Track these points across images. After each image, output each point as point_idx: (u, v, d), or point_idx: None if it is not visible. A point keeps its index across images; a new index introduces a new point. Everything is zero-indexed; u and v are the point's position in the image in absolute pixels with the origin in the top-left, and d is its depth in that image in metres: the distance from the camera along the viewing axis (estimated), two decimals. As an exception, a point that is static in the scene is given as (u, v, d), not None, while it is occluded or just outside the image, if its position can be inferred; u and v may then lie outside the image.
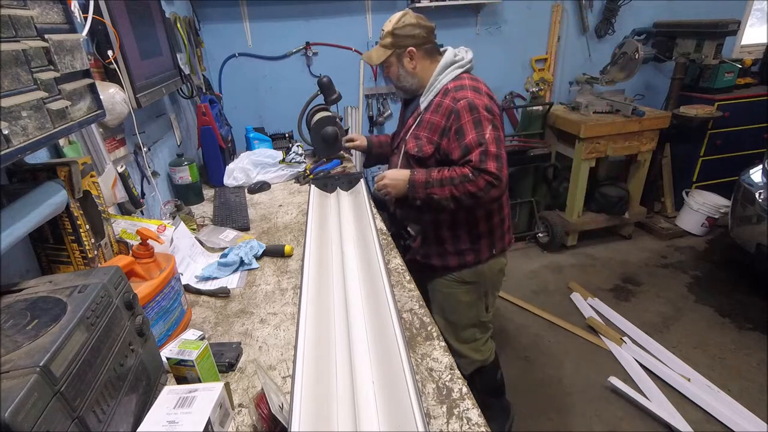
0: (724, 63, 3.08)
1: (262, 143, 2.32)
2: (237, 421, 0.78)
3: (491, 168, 1.26)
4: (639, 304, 2.63)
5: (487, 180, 1.26)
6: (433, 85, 1.39)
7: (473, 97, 1.30)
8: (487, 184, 1.27)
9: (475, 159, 1.27)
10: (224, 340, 0.99)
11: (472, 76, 1.41)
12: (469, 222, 1.45)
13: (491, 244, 1.49)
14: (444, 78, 1.38)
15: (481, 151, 1.27)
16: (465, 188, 1.28)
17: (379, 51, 1.42)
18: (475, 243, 1.47)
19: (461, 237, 1.47)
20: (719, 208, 3.14)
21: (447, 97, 1.34)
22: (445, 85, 1.37)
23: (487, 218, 1.46)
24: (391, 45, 1.39)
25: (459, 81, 1.37)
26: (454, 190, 1.30)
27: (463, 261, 1.49)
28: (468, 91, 1.32)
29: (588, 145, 2.85)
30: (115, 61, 1.20)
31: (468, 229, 1.46)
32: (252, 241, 1.35)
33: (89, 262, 0.90)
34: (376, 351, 0.87)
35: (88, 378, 0.59)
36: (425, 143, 1.39)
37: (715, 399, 1.93)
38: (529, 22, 3.17)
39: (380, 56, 1.41)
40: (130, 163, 1.40)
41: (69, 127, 0.72)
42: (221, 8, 2.68)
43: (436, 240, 1.49)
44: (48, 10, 0.72)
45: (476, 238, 1.47)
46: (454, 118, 1.30)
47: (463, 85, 1.34)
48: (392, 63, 1.42)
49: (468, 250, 1.48)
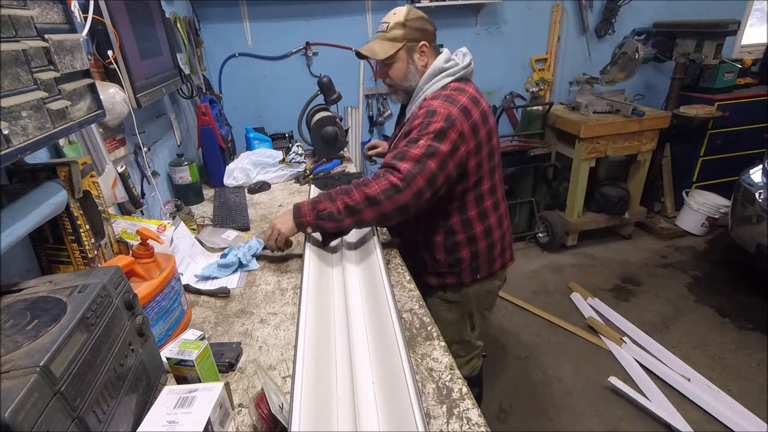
0: (724, 63, 3.08)
1: (262, 143, 2.32)
2: (237, 421, 0.78)
3: (401, 167, 1.11)
4: (639, 304, 2.63)
5: (391, 181, 1.11)
6: (418, 95, 1.29)
7: (438, 106, 1.16)
8: (391, 187, 1.11)
9: (388, 157, 1.16)
10: (224, 340, 0.99)
11: (461, 85, 1.25)
12: (448, 246, 1.33)
13: (475, 270, 1.36)
14: (429, 89, 1.26)
15: (402, 151, 1.14)
16: (361, 193, 1.13)
17: (384, 44, 1.27)
18: (454, 267, 1.35)
19: (439, 261, 1.35)
20: (719, 208, 3.14)
21: (421, 108, 1.22)
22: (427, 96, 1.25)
23: (470, 243, 1.33)
24: (402, 37, 1.25)
25: (439, 91, 1.24)
26: (348, 199, 1.14)
27: (443, 282, 1.39)
28: (438, 101, 1.18)
29: (588, 145, 2.85)
30: (115, 61, 1.20)
31: (446, 255, 1.34)
32: (251, 239, 1.34)
33: (89, 262, 0.90)
34: (376, 351, 0.87)
35: (88, 378, 0.59)
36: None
37: (715, 399, 1.93)
38: (529, 22, 3.17)
39: (387, 50, 1.26)
40: (130, 163, 1.40)
41: (69, 127, 0.72)
42: (221, 8, 2.68)
43: (414, 258, 1.38)
44: (48, 10, 0.72)
45: (456, 262, 1.34)
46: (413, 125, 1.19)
47: (438, 95, 1.22)
48: (400, 58, 1.27)
49: (447, 273, 1.37)
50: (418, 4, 2.78)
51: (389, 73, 1.31)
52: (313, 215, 1.18)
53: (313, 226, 1.20)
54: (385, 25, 1.29)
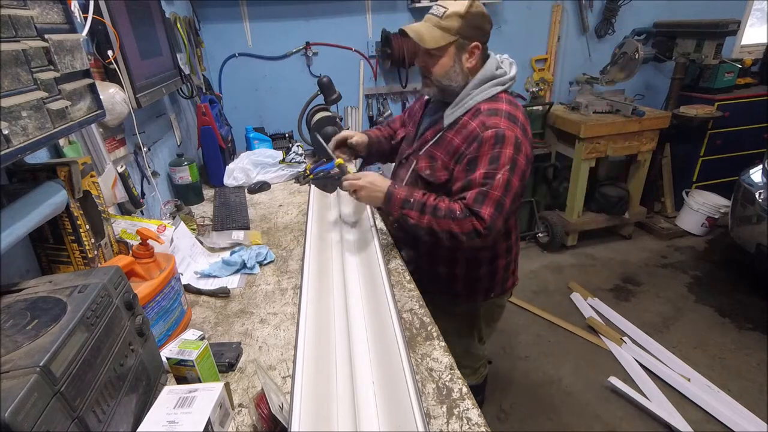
0: (724, 63, 3.08)
1: (262, 143, 2.32)
2: (237, 421, 0.78)
3: (484, 214, 1.06)
4: (639, 304, 2.63)
5: (475, 226, 1.07)
6: (464, 99, 1.17)
7: (506, 128, 1.09)
8: (473, 231, 1.08)
9: (470, 197, 1.09)
10: (224, 340, 0.99)
11: (511, 98, 1.19)
12: (470, 263, 1.27)
13: (489, 289, 1.33)
14: (478, 95, 1.16)
15: (482, 192, 1.08)
16: (447, 225, 1.09)
17: (435, 32, 1.11)
18: (472, 286, 1.31)
19: (457, 277, 1.30)
20: (719, 208, 3.14)
21: (476, 119, 1.13)
22: (479, 104, 1.15)
23: (491, 261, 1.28)
24: (456, 31, 1.10)
25: (495, 103, 1.15)
26: (434, 223, 1.11)
27: (455, 301, 1.35)
28: (502, 119, 1.10)
29: (588, 145, 2.85)
30: (115, 61, 1.20)
31: (467, 271, 1.29)
32: (263, 247, 1.35)
33: (89, 262, 0.90)
34: (376, 351, 0.87)
35: (88, 378, 0.59)
36: (440, 167, 1.19)
37: (715, 399, 1.93)
38: (529, 22, 3.17)
39: (437, 40, 1.11)
40: (130, 163, 1.40)
41: (69, 127, 0.72)
42: (221, 8, 2.68)
43: (430, 274, 1.33)
44: (48, 10, 0.72)
45: (474, 281, 1.30)
46: (475, 147, 1.10)
47: (498, 110, 1.12)
48: (448, 53, 1.13)
49: (462, 292, 1.33)
50: (417, 4, 2.78)
51: (429, 64, 1.17)
52: (399, 213, 1.16)
53: (394, 217, 1.19)
54: (441, 9, 1.12)
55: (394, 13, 2.91)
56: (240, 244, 1.41)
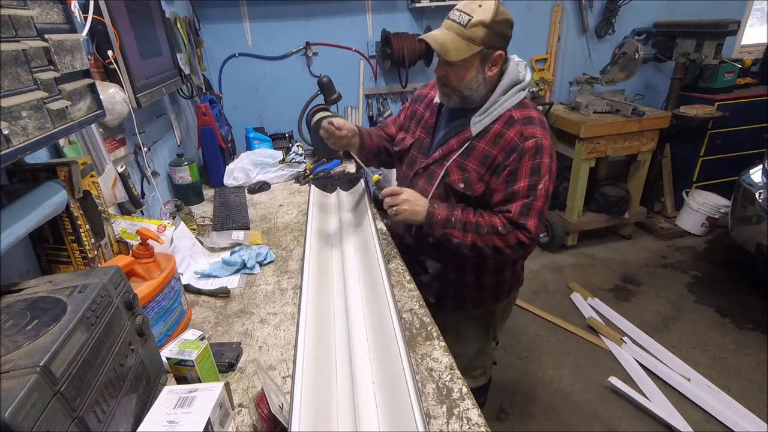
0: (724, 63, 3.08)
1: (262, 143, 2.32)
2: (237, 421, 0.78)
3: (530, 225, 1.07)
4: (639, 304, 2.63)
5: (520, 239, 1.08)
6: (493, 107, 1.12)
7: (542, 136, 1.07)
8: (518, 243, 1.09)
9: (515, 211, 1.08)
10: (224, 340, 0.99)
11: (532, 103, 1.18)
12: (497, 267, 1.28)
13: (511, 288, 1.36)
14: (507, 101, 1.12)
15: (526, 204, 1.07)
16: (491, 241, 1.09)
17: (459, 43, 1.04)
18: (498, 289, 1.32)
19: (485, 283, 1.30)
20: (719, 208, 3.14)
21: (512, 128, 1.09)
22: (510, 112, 1.12)
23: (514, 263, 1.31)
24: (482, 41, 1.04)
25: (525, 110, 1.12)
26: (478, 240, 1.10)
27: (479, 304, 1.35)
28: (537, 128, 1.09)
29: (588, 145, 2.85)
30: (115, 61, 1.20)
31: (494, 276, 1.29)
32: (263, 247, 1.36)
33: (89, 262, 0.90)
34: (376, 351, 0.87)
35: (88, 378, 0.59)
36: (475, 179, 1.14)
37: (715, 399, 1.93)
38: (529, 22, 3.17)
39: (461, 51, 1.05)
40: (130, 163, 1.40)
41: (69, 127, 0.72)
42: (221, 8, 2.68)
43: (457, 284, 1.31)
44: (48, 10, 0.72)
45: (500, 283, 1.32)
46: (515, 158, 1.07)
47: (532, 118, 1.10)
48: (472, 64, 1.08)
49: (488, 296, 1.33)
50: (417, 4, 2.78)
51: (451, 74, 1.11)
52: (441, 233, 1.14)
53: (435, 236, 1.16)
54: (466, 17, 1.03)
55: (394, 13, 2.92)
56: (240, 244, 1.41)
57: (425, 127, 1.29)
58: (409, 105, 1.40)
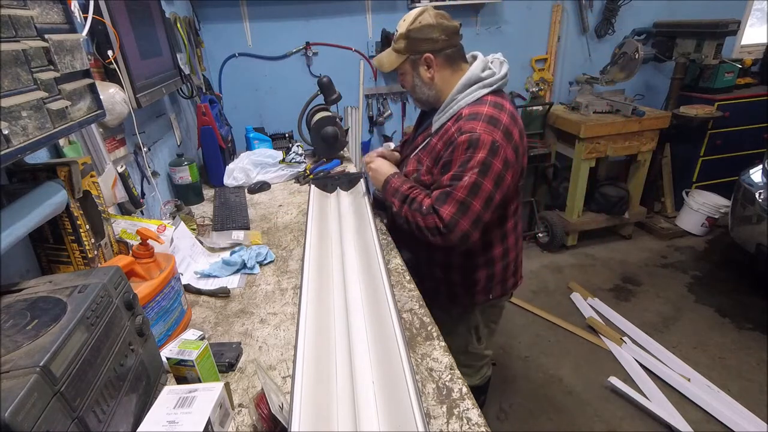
0: (724, 63, 3.08)
1: (262, 143, 2.32)
2: (237, 421, 0.78)
3: (443, 213, 1.11)
4: (639, 304, 2.63)
5: (436, 224, 1.12)
6: (450, 105, 1.19)
7: (482, 131, 1.09)
8: (435, 227, 1.13)
9: (434, 196, 1.15)
10: (224, 340, 0.99)
11: (498, 99, 1.16)
12: (466, 267, 1.30)
13: (489, 290, 1.34)
14: (463, 99, 1.17)
15: (445, 192, 1.12)
16: (415, 217, 1.17)
17: (391, 56, 1.22)
18: (471, 288, 1.33)
19: (454, 281, 1.33)
20: (719, 208, 3.14)
21: (456, 124, 1.15)
22: (462, 109, 1.16)
23: (488, 265, 1.30)
24: (405, 50, 1.18)
25: (478, 106, 1.14)
26: (409, 214, 1.20)
27: (455, 301, 1.37)
28: (480, 123, 1.10)
29: (588, 145, 2.85)
30: (115, 61, 1.20)
31: (463, 275, 1.31)
32: (263, 247, 1.36)
33: (89, 262, 0.90)
34: (376, 351, 0.87)
35: (88, 378, 0.59)
36: (424, 172, 1.24)
37: (715, 399, 1.93)
38: (529, 22, 3.17)
39: (392, 63, 1.22)
40: (130, 163, 1.40)
41: (69, 127, 0.72)
42: (221, 8, 2.68)
43: (429, 277, 1.36)
44: (48, 10, 0.72)
45: (472, 284, 1.32)
46: (450, 151, 1.14)
47: (479, 113, 1.12)
48: (406, 71, 1.22)
49: (463, 294, 1.35)
50: (417, 4, 2.78)
51: (402, 83, 1.27)
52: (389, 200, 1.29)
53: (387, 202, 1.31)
54: (395, 33, 1.21)
55: (394, 13, 2.91)
56: (240, 244, 1.41)
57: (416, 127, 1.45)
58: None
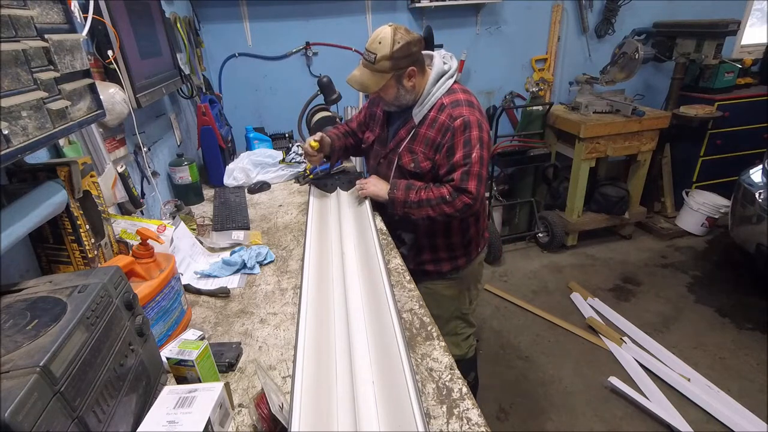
0: (724, 63, 3.08)
1: (262, 143, 2.32)
2: (237, 421, 0.78)
3: (471, 188, 1.30)
4: (639, 304, 2.63)
5: (465, 201, 1.31)
6: (427, 98, 1.36)
7: (468, 114, 1.30)
8: (464, 206, 1.31)
9: (457, 178, 1.31)
10: (224, 340, 0.99)
11: (462, 87, 1.40)
12: (462, 228, 1.48)
13: (478, 244, 1.56)
14: (438, 91, 1.35)
15: (464, 171, 1.30)
16: (441, 209, 1.33)
17: (374, 77, 1.31)
18: (467, 247, 1.52)
19: (455, 243, 1.50)
20: (719, 208, 3.14)
21: (443, 113, 1.33)
22: (440, 99, 1.35)
23: (476, 221, 1.51)
24: (390, 69, 1.29)
25: (453, 95, 1.35)
26: (431, 211, 1.35)
27: (455, 265, 1.53)
28: (463, 108, 1.31)
29: (588, 145, 2.85)
30: (115, 61, 1.20)
31: (461, 235, 1.49)
32: (263, 247, 1.36)
33: (89, 262, 0.90)
34: (376, 351, 0.87)
35: (88, 378, 0.59)
36: (422, 159, 1.38)
37: (715, 399, 1.93)
38: (529, 22, 3.17)
39: (378, 82, 1.32)
40: (130, 163, 1.40)
41: (69, 127, 0.72)
42: (221, 8, 2.68)
43: (431, 248, 1.51)
44: (48, 10, 0.72)
45: (468, 242, 1.51)
46: (450, 136, 1.31)
47: (458, 100, 1.33)
48: (390, 86, 1.34)
49: (461, 255, 1.52)
50: (417, 4, 2.78)
51: (381, 95, 1.38)
52: (402, 213, 1.40)
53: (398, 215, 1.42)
54: (372, 56, 1.29)
55: (394, 13, 2.92)
56: (240, 244, 1.41)
57: (381, 124, 1.54)
58: (368, 106, 1.64)
